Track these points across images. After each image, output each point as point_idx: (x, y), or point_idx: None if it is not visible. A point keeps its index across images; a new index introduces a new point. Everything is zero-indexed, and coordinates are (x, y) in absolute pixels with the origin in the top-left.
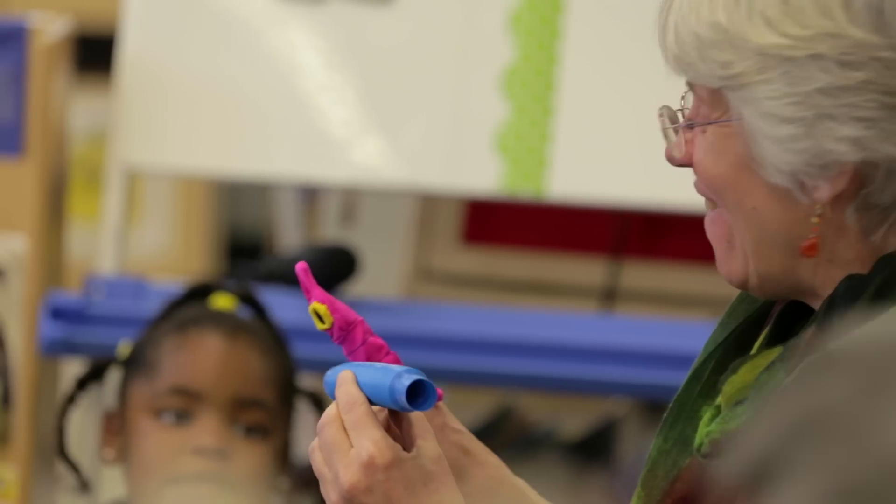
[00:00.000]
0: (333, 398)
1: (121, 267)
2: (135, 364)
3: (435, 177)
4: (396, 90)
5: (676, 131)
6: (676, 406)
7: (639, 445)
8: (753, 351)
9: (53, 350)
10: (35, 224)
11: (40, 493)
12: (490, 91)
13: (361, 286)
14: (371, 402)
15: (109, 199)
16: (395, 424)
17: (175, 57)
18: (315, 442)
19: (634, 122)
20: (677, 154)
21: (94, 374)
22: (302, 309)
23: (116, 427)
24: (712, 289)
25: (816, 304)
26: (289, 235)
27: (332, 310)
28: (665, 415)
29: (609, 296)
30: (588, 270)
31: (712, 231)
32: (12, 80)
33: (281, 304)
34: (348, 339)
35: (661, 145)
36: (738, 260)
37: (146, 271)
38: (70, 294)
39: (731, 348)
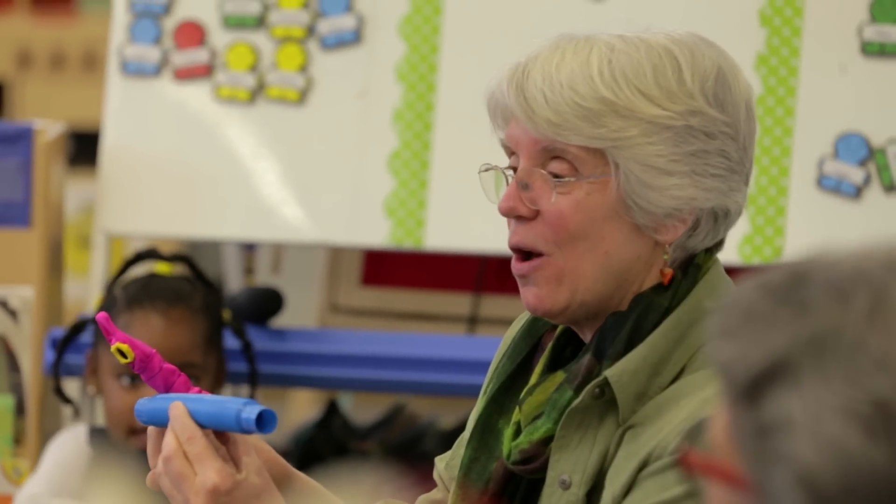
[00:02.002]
0: (146, 425)
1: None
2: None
3: (340, 234)
4: (311, 169)
5: (526, 187)
6: (480, 424)
7: None
8: (534, 377)
9: (52, 372)
10: (39, 277)
11: None
12: (380, 169)
13: (285, 318)
14: (204, 429)
15: (95, 257)
16: (222, 443)
17: (144, 148)
18: (161, 469)
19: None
20: (523, 210)
21: (76, 331)
22: (251, 336)
23: (94, 368)
24: None
25: (587, 332)
26: (233, 281)
27: (132, 346)
28: (469, 432)
29: (473, 321)
30: (456, 302)
31: (538, 275)
32: (22, 169)
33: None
34: (148, 368)
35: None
36: (563, 295)
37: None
38: (66, 329)
39: (512, 375)
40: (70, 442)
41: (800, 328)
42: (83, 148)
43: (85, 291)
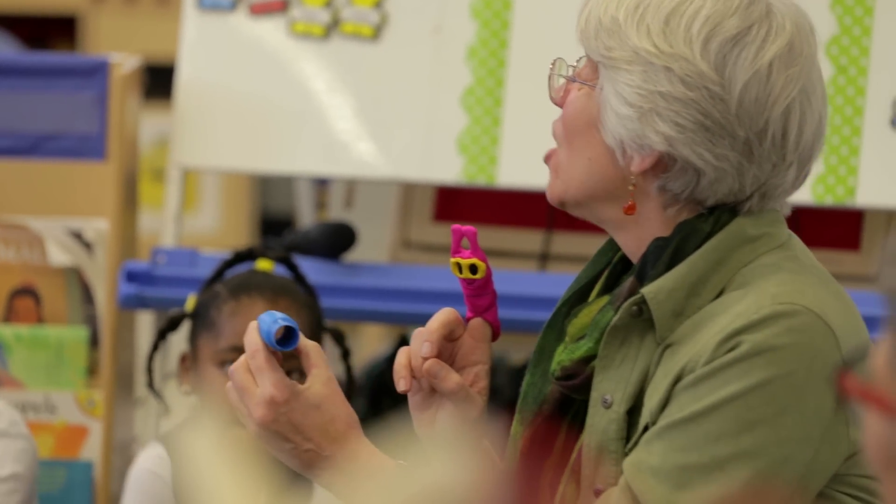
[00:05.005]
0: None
1: (178, 242)
2: (200, 320)
3: (413, 170)
4: (384, 106)
5: (563, 80)
6: (538, 349)
7: None
8: (590, 299)
9: (128, 304)
10: (114, 211)
11: (120, 411)
12: (454, 106)
13: (357, 254)
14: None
15: (169, 191)
16: (298, 356)
17: (219, 82)
18: (230, 384)
19: None
20: (554, 95)
21: (172, 326)
22: (323, 271)
23: (189, 366)
24: None
25: (622, 240)
26: (306, 216)
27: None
28: (531, 357)
29: (544, 258)
30: (528, 239)
31: (550, 164)
32: (97, 102)
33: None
34: (487, 285)
35: None
36: (559, 187)
37: (199, 245)
38: (140, 262)
39: (575, 303)
40: (145, 477)
41: None
42: (158, 82)
43: (159, 225)
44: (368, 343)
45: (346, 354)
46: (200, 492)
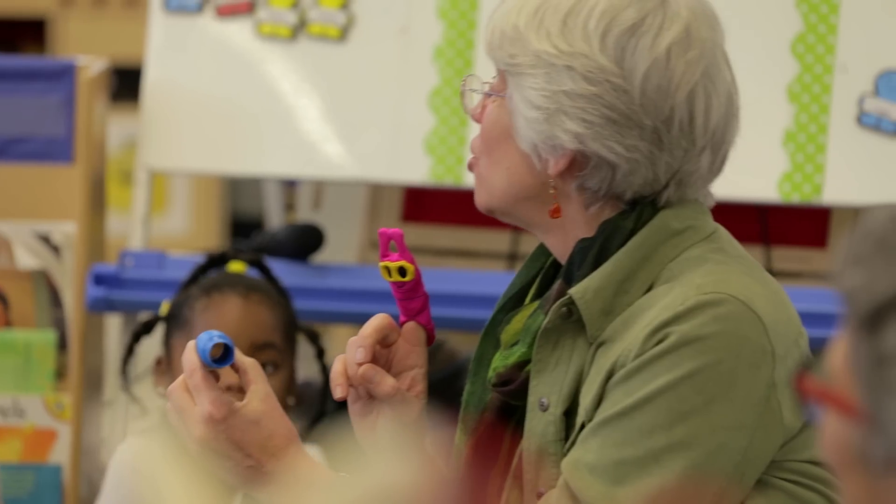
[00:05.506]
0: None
1: (146, 244)
2: (174, 321)
3: (381, 171)
4: (351, 106)
5: (477, 96)
6: (477, 358)
7: None
8: (524, 305)
9: (96, 307)
10: (82, 213)
11: (89, 414)
12: (421, 106)
13: (325, 255)
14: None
15: (137, 193)
16: (236, 372)
17: (186, 84)
18: (169, 405)
19: None
20: (472, 113)
21: (146, 329)
22: (291, 272)
23: (164, 369)
24: None
25: (551, 244)
26: (274, 218)
27: (416, 266)
28: (470, 366)
29: (512, 258)
30: (496, 239)
31: (474, 171)
32: (65, 105)
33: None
34: (417, 288)
35: None
36: (483, 197)
37: (167, 247)
38: (108, 265)
39: (510, 309)
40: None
41: None
42: (126, 84)
43: (127, 227)
44: (339, 344)
45: (320, 354)
46: (160, 495)
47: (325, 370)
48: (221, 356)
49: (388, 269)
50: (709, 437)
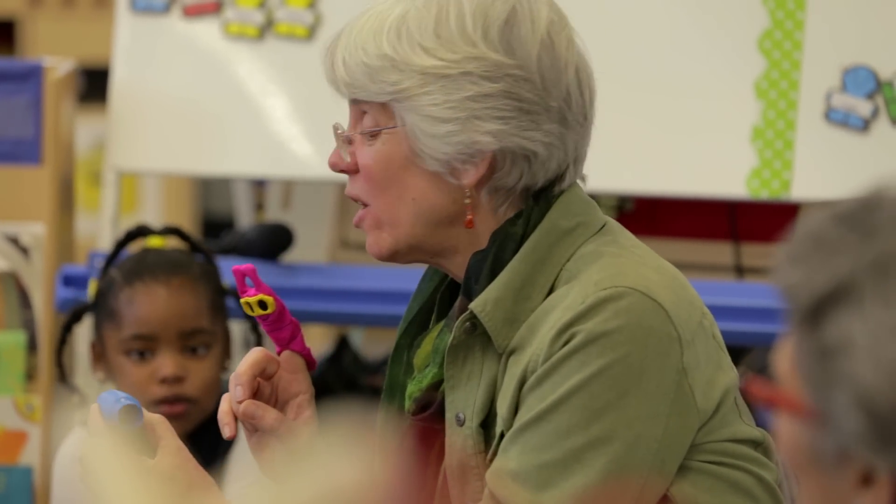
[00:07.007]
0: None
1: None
2: (101, 309)
3: None
4: (320, 105)
5: (350, 142)
6: (388, 387)
7: None
8: (430, 327)
9: (66, 308)
10: (51, 214)
11: (59, 416)
12: None
13: (295, 254)
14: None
15: (106, 194)
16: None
17: (154, 85)
18: (81, 470)
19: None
20: (345, 165)
21: (75, 318)
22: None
23: (99, 354)
24: (701, 257)
25: (458, 263)
26: (244, 217)
27: (276, 298)
28: (382, 394)
29: None
30: None
31: (364, 224)
32: (32, 106)
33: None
34: (281, 319)
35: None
36: (387, 241)
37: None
38: (78, 266)
39: (416, 334)
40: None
41: (864, 251)
42: (93, 85)
43: (96, 228)
44: (310, 344)
45: (254, 325)
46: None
47: (259, 336)
48: (129, 417)
49: (249, 305)
50: (626, 430)
